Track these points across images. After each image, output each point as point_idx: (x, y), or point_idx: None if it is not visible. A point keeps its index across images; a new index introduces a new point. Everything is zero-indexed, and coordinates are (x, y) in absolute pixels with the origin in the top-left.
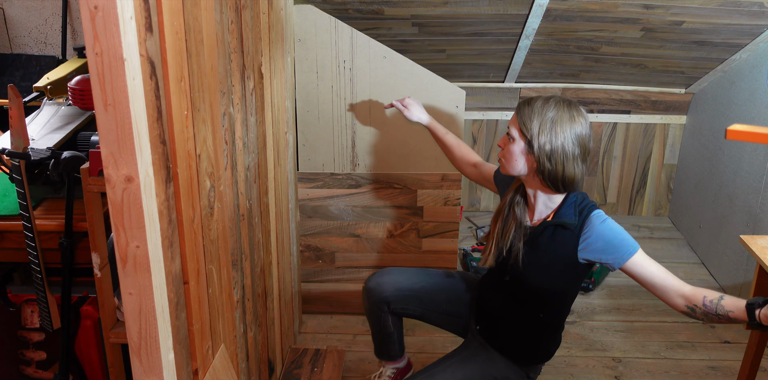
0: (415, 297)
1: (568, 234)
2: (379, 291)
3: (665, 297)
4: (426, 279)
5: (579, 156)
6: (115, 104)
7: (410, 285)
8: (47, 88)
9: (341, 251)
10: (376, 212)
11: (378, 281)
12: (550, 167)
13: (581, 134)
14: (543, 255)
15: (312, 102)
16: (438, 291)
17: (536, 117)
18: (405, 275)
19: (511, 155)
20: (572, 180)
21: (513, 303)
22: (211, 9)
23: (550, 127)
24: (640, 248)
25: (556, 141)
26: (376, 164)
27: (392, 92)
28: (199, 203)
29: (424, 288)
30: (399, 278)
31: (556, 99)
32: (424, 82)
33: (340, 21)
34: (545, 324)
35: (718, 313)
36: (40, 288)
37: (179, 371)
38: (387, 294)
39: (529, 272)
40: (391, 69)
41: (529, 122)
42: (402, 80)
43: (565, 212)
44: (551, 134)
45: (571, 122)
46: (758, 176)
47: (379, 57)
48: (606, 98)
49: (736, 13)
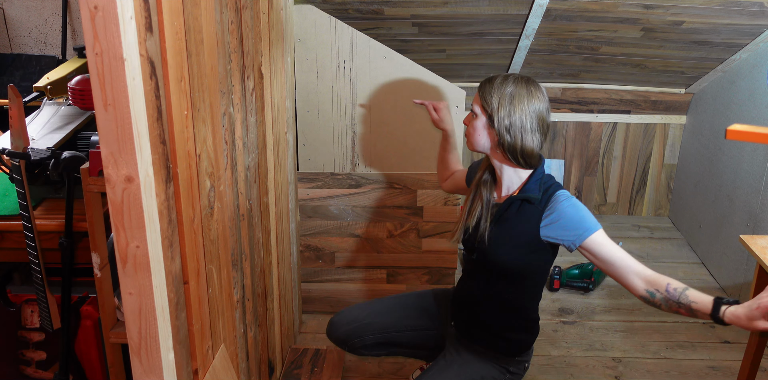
0: (366, 324)
1: (532, 209)
2: (331, 332)
3: (624, 277)
4: (379, 304)
5: (537, 129)
6: (115, 104)
7: (358, 315)
8: (47, 88)
9: (341, 251)
10: (376, 212)
11: (330, 321)
12: (509, 139)
13: (538, 108)
14: (507, 231)
15: (312, 102)
16: (394, 309)
17: (496, 93)
18: (357, 308)
19: (474, 130)
20: (530, 152)
21: (483, 284)
22: (211, 9)
23: (509, 101)
24: (601, 229)
25: (514, 115)
26: (376, 164)
27: (392, 92)
28: (199, 203)
29: (376, 312)
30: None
31: (515, 76)
32: (424, 82)
33: (340, 21)
34: (516, 309)
35: (680, 301)
36: (40, 288)
37: (179, 371)
38: (338, 333)
39: (493, 249)
40: (391, 69)
41: (489, 97)
42: (402, 80)
43: (530, 188)
44: (510, 107)
45: (529, 97)
46: (758, 176)
47: (379, 57)
48: (606, 98)
49: (736, 13)
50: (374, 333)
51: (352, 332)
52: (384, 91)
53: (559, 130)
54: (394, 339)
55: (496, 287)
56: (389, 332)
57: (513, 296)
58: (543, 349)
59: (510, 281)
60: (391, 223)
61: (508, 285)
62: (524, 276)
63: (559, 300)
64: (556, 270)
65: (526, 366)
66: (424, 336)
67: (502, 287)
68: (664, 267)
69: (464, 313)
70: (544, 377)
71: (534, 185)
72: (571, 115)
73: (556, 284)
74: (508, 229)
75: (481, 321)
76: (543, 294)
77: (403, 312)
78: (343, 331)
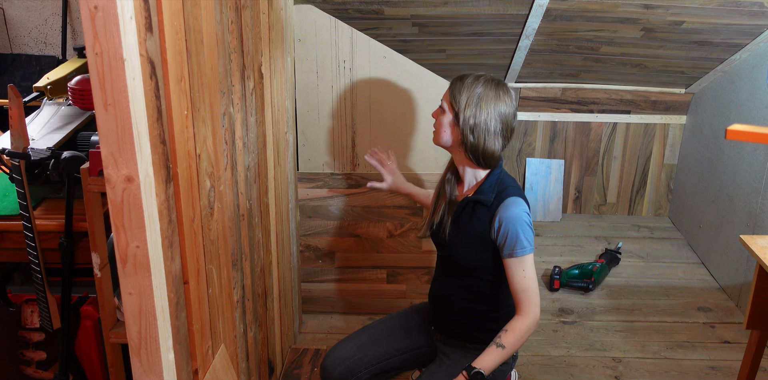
0: (357, 359)
1: (484, 211)
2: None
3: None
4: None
5: (500, 132)
6: (115, 104)
7: (347, 353)
8: (47, 88)
9: (341, 251)
10: (376, 212)
11: (322, 365)
12: (472, 139)
13: (504, 112)
14: (463, 230)
15: (312, 102)
16: (379, 337)
17: (465, 92)
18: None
19: (440, 125)
20: (491, 154)
21: (453, 279)
22: (211, 9)
23: (476, 102)
24: (527, 255)
25: (479, 116)
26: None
27: (392, 92)
28: (199, 203)
29: (363, 345)
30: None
31: (486, 77)
32: (423, 82)
33: (340, 21)
34: (488, 301)
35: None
36: (40, 288)
37: (179, 371)
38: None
39: (453, 247)
40: (390, 69)
41: (458, 95)
42: (402, 80)
43: (484, 189)
44: (476, 108)
45: (497, 100)
46: (758, 176)
47: (379, 57)
48: (606, 97)
49: (736, 13)
50: (368, 367)
51: (346, 372)
52: (384, 91)
53: (559, 130)
54: (388, 366)
55: (465, 281)
56: (382, 361)
57: (483, 289)
58: (543, 349)
59: (476, 276)
60: (391, 223)
61: (475, 279)
62: (488, 270)
63: (559, 300)
64: (557, 270)
65: (514, 355)
66: (417, 355)
67: (470, 281)
68: (664, 267)
69: (440, 311)
70: (544, 377)
71: (488, 187)
72: (571, 115)
73: (556, 284)
74: (463, 228)
75: (455, 315)
76: (543, 294)
77: (389, 338)
78: (337, 373)
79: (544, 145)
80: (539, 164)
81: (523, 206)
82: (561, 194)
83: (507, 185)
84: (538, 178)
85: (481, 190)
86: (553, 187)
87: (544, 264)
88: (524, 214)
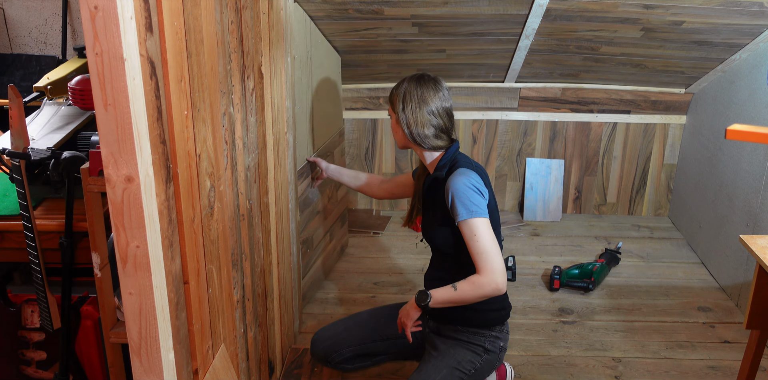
0: (342, 338)
1: (441, 186)
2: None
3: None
4: (355, 318)
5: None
6: (115, 104)
7: (334, 331)
8: (47, 88)
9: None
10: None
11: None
12: (412, 131)
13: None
14: (431, 211)
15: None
16: (368, 321)
17: (395, 94)
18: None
19: (393, 129)
20: (432, 138)
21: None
22: (211, 9)
23: (403, 99)
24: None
25: (407, 109)
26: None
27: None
28: (199, 203)
29: (351, 325)
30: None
31: (411, 77)
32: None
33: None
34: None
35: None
36: (40, 287)
37: (179, 371)
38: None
39: (427, 230)
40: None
41: (392, 98)
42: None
43: (439, 166)
44: (403, 104)
45: (420, 92)
46: (758, 176)
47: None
48: (606, 97)
49: (736, 13)
50: (351, 346)
51: (330, 348)
52: None
53: (559, 130)
54: (372, 349)
55: (448, 262)
56: (366, 343)
57: (465, 267)
58: (543, 349)
59: (456, 255)
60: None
61: (456, 258)
62: (463, 247)
63: (559, 300)
64: (556, 270)
65: (502, 346)
66: (401, 344)
67: (453, 260)
68: (664, 267)
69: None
70: (544, 377)
71: (442, 164)
72: (571, 115)
73: (556, 284)
74: (431, 209)
75: None
76: (543, 294)
77: (377, 323)
78: (322, 348)
79: (544, 145)
80: (539, 164)
81: (468, 174)
82: (561, 194)
83: (459, 161)
84: (538, 178)
85: (437, 168)
86: (553, 187)
87: (544, 264)
88: (468, 180)
